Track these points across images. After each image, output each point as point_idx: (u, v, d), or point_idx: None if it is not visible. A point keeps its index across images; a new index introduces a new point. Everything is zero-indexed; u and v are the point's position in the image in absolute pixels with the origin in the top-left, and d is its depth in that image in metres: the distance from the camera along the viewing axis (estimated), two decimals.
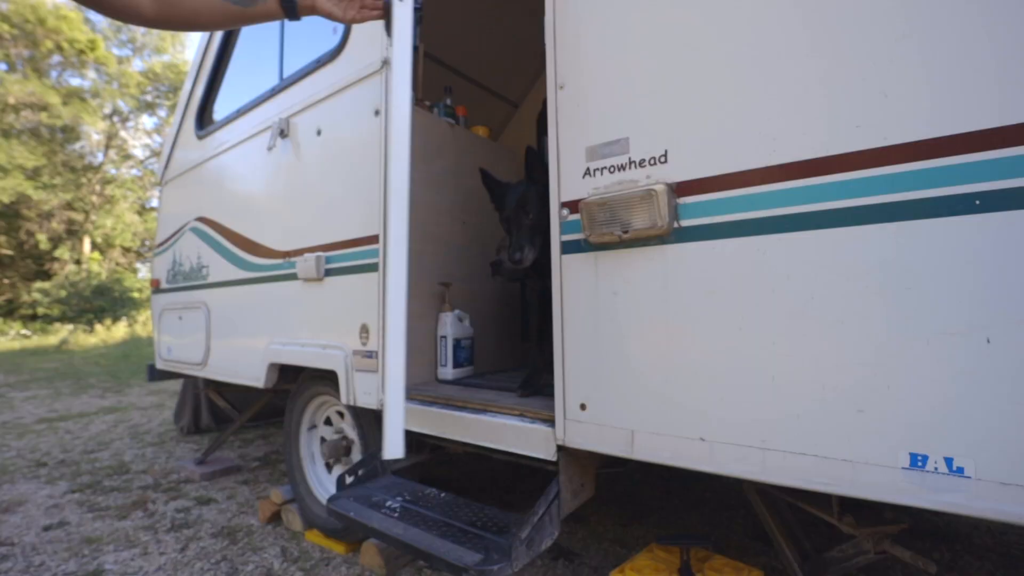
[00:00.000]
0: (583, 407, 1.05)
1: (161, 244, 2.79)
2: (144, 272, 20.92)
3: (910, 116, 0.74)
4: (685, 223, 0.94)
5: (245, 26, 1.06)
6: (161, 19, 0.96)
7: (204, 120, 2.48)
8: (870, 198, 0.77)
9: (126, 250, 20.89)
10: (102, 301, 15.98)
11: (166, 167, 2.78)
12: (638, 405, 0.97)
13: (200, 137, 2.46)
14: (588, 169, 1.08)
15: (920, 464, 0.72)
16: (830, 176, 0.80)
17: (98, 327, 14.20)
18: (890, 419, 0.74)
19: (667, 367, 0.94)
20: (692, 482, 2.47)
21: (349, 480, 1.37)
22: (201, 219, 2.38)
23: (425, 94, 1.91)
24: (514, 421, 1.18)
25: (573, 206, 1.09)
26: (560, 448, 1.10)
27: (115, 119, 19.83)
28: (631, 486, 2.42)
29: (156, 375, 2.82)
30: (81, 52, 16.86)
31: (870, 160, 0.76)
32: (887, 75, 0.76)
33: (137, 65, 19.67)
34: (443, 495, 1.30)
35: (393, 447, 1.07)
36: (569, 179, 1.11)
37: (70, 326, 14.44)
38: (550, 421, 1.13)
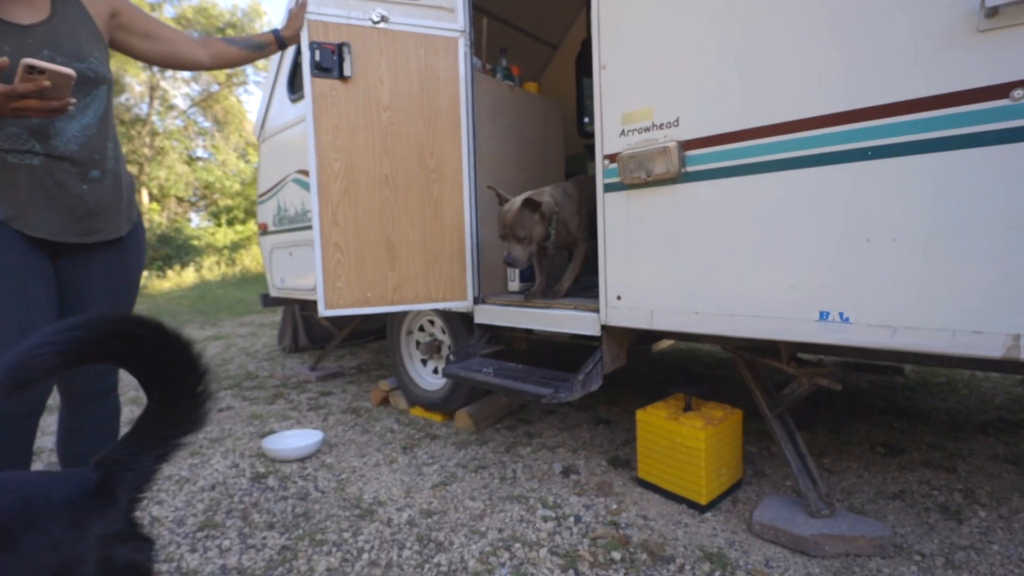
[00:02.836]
0: (619, 298, 1.56)
1: (264, 194, 3.36)
2: (197, 221, 22.22)
3: (834, 96, 1.13)
4: (690, 169, 1.37)
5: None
6: (214, 65, 1.47)
7: (295, 85, 2.93)
8: (807, 151, 1.18)
9: (180, 200, 22.09)
10: (167, 249, 17.23)
11: (262, 127, 3.29)
12: (655, 293, 1.47)
13: (293, 101, 2.93)
14: (623, 130, 1.51)
15: (825, 317, 1.19)
16: (782, 136, 1.21)
17: (169, 273, 15.50)
18: (809, 291, 1.20)
19: (675, 267, 1.42)
20: (707, 380, 3.00)
21: (452, 359, 1.97)
22: (301, 172, 2.91)
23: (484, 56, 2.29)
24: (570, 312, 1.71)
25: (612, 158, 1.54)
26: (603, 327, 1.62)
27: (154, 69, 20.37)
28: (658, 384, 2.97)
29: (270, 302, 3.50)
30: None
31: (807, 125, 1.17)
32: (822, 67, 1.15)
33: (168, 11, 19.86)
34: (520, 365, 1.87)
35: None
36: (609, 137, 1.54)
37: (144, 272, 15.76)
38: (595, 310, 1.65)
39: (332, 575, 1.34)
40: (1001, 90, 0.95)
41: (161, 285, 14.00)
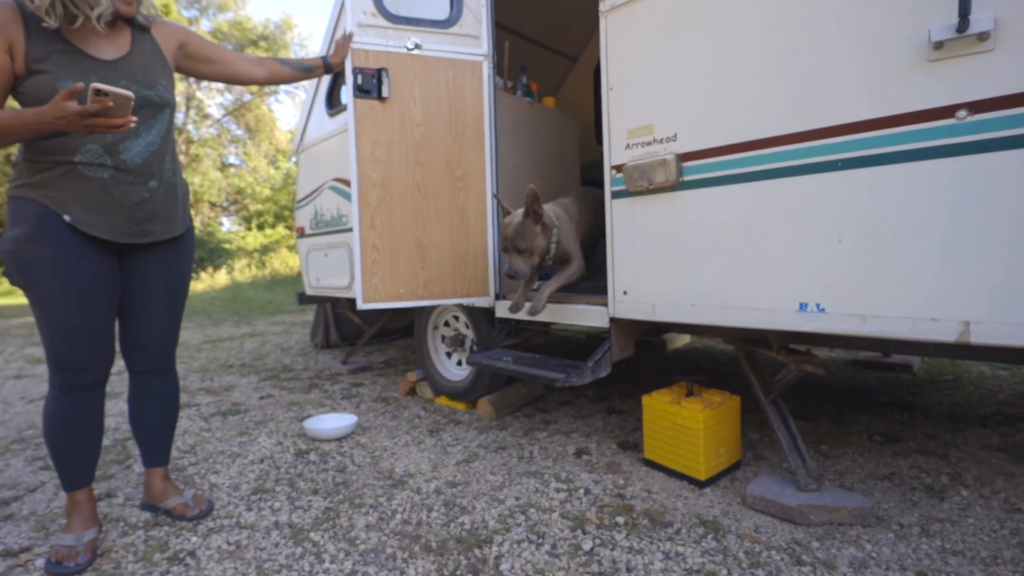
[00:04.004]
0: (625, 293, 1.74)
1: (302, 199, 3.64)
2: (228, 225, 23.02)
3: (809, 115, 1.30)
4: (686, 178, 1.55)
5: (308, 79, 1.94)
6: (268, 81, 1.75)
7: (333, 101, 3.20)
8: (787, 162, 1.35)
9: (212, 205, 22.93)
10: (201, 252, 17.89)
11: (301, 139, 3.58)
12: (657, 288, 1.65)
13: (331, 115, 3.20)
14: (628, 144, 1.69)
15: (804, 308, 1.35)
16: (766, 149, 1.38)
17: (203, 275, 16.12)
18: (790, 285, 1.37)
19: (674, 265, 1.60)
20: (715, 374, 3.13)
21: (475, 349, 2.17)
22: (338, 180, 3.17)
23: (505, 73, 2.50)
24: (582, 306, 1.90)
25: (619, 168, 1.72)
26: (611, 320, 1.81)
27: (191, 80, 21.31)
28: (667, 378, 3.12)
29: (305, 300, 3.78)
30: None
31: (786, 140, 1.33)
32: (799, 91, 1.32)
33: (205, 25, 20.80)
34: (536, 355, 2.06)
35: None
36: (616, 150, 1.73)
37: None
38: (604, 304, 1.83)
39: (370, 530, 1.56)
40: (947, 111, 1.10)
41: (195, 286, 14.56)
